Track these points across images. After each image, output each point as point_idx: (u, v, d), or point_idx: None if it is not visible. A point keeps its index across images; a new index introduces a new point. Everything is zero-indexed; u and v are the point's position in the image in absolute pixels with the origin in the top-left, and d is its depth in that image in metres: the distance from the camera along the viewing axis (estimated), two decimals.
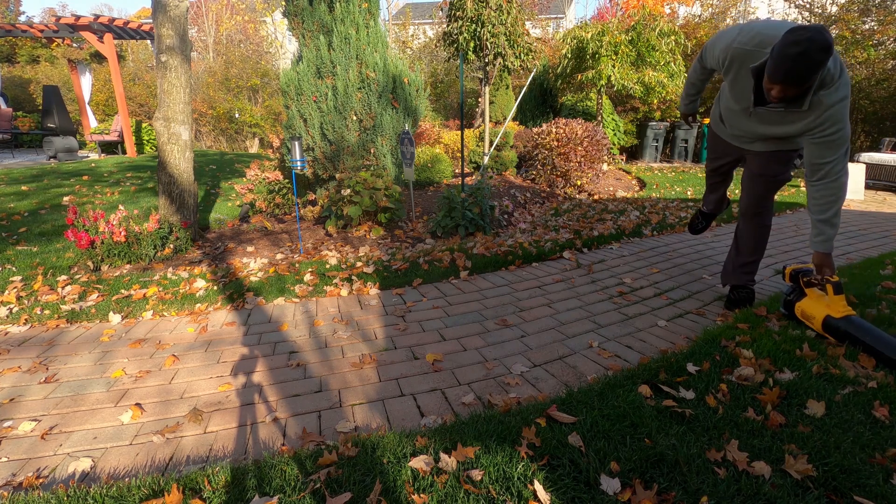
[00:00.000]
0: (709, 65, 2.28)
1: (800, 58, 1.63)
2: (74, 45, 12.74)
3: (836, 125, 1.80)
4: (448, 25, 6.84)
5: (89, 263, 3.27)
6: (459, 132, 6.98)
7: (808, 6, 10.40)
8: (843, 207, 1.95)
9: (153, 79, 13.55)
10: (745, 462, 1.31)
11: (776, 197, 6.25)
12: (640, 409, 1.54)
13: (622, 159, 9.75)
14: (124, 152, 9.90)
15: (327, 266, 3.25)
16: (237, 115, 13.15)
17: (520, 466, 1.31)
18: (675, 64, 7.70)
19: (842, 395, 1.60)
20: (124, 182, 6.10)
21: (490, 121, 9.69)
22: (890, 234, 4.20)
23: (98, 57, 12.61)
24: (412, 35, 15.69)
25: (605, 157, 6.76)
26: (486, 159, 6.42)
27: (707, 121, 9.73)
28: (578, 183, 6.25)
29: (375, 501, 1.22)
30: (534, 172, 6.54)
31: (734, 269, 2.50)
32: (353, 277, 3.03)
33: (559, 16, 24.18)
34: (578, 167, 6.18)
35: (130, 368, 2.04)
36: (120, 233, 3.26)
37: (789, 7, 10.78)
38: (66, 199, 5.12)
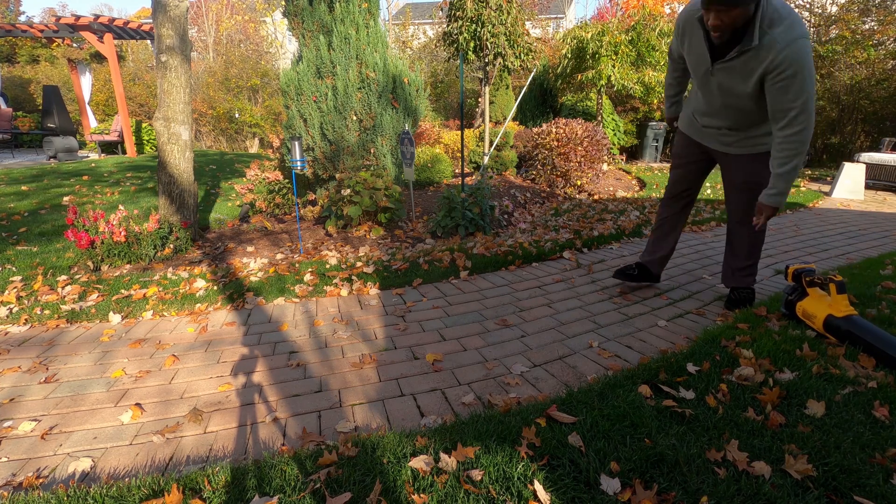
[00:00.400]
0: (675, 53, 2.28)
1: None
2: (74, 45, 12.75)
3: (793, 66, 1.77)
4: (448, 25, 6.84)
5: (89, 263, 3.27)
6: (459, 132, 6.98)
7: (808, 6, 10.40)
8: (843, 207, 1.96)
9: (153, 79, 13.56)
10: (745, 462, 1.31)
11: None
12: (640, 409, 1.54)
13: (622, 159, 9.75)
14: (124, 152, 9.90)
15: (327, 266, 3.25)
16: (237, 115, 13.15)
17: (520, 466, 1.31)
18: None
19: (842, 395, 1.60)
20: (124, 182, 6.10)
21: (490, 121, 9.69)
22: (890, 234, 4.20)
23: (98, 57, 12.62)
24: (412, 35, 15.70)
25: (605, 157, 6.76)
26: (486, 159, 6.43)
27: None
28: (578, 183, 6.25)
29: (375, 501, 1.22)
30: (534, 172, 6.54)
31: (733, 272, 2.47)
32: (353, 277, 3.03)
33: (559, 16, 24.19)
34: (578, 167, 6.18)
35: (130, 368, 2.04)
36: (120, 233, 3.26)
37: None
38: (66, 199, 5.12)
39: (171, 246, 3.54)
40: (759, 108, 2.00)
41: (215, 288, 2.88)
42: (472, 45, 6.55)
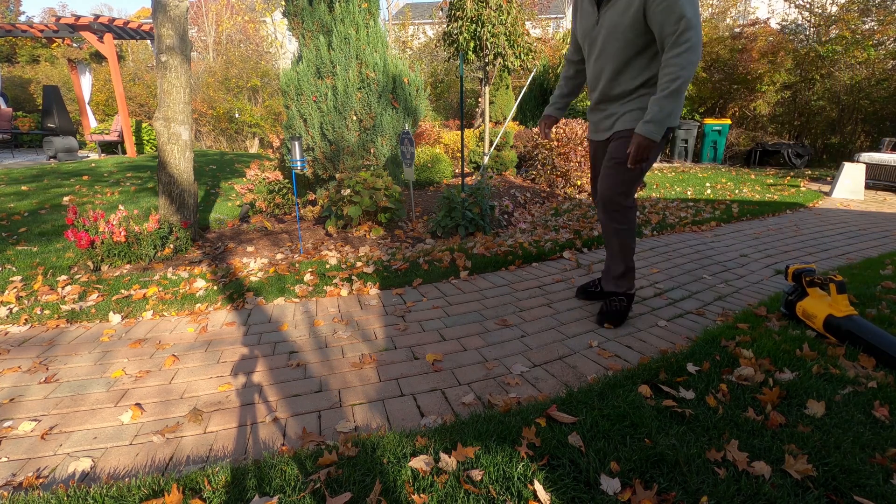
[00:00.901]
0: (572, 47, 2.31)
1: None
2: (74, 45, 12.75)
3: None
4: (448, 25, 6.85)
5: (89, 263, 3.27)
6: (459, 132, 6.98)
7: (808, 6, 10.40)
8: (843, 207, 1.95)
9: (153, 79, 13.57)
10: (745, 462, 1.31)
11: (775, 197, 6.25)
12: (640, 409, 1.54)
13: None
14: (124, 152, 9.91)
15: (327, 266, 3.25)
16: (237, 115, 13.16)
17: (520, 466, 1.31)
18: None
19: (842, 395, 1.60)
20: (124, 182, 6.10)
21: (490, 121, 9.69)
22: (890, 234, 4.20)
23: (98, 57, 12.63)
24: (412, 35, 15.70)
25: None
26: (486, 159, 6.43)
27: (707, 120, 9.75)
28: (578, 183, 6.25)
29: (375, 501, 1.22)
30: (534, 172, 6.54)
31: (612, 277, 2.36)
32: (353, 277, 3.03)
33: (559, 16, 24.19)
34: (578, 167, 6.18)
35: (130, 368, 2.04)
36: (120, 233, 3.26)
37: (789, 7, 10.78)
38: (66, 199, 5.12)
39: (171, 246, 3.54)
40: (642, 52, 1.97)
41: (215, 288, 2.88)
42: (472, 45, 6.55)
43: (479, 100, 9.65)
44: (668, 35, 1.84)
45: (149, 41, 12.72)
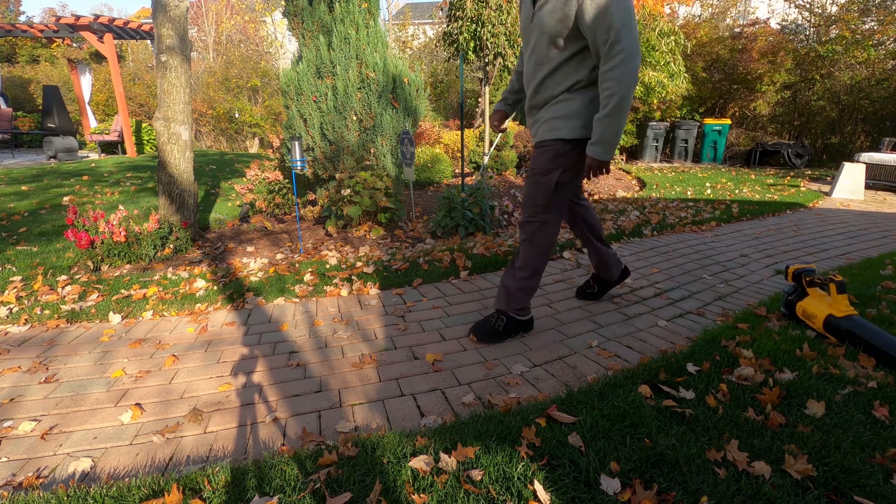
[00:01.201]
0: (523, 45, 2.22)
1: None
2: (74, 45, 12.76)
3: None
4: (448, 25, 6.85)
5: (89, 263, 3.27)
6: (459, 132, 6.98)
7: (808, 6, 10.41)
8: (843, 207, 1.94)
9: (153, 79, 13.57)
10: (745, 462, 1.31)
11: (775, 197, 6.25)
12: (640, 409, 1.54)
13: (622, 159, 9.76)
14: (124, 152, 9.91)
15: (327, 266, 3.25)
16: (237, 115, 13.16)
17: (520, 466, 1.31)
18: (675, 64, 7.71)
19: (842, 395, 1.60)
20: (124, 182, 6.10)
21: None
22: (890, 234, 4.20)
23: (98, 57, 12.64)
24: (412, 35, 15.71)
25: None
26: (486, 159, 6.42)
27: (707, 120, 9.75)
28: None
29: (375, 501, 1.22)
30: None
31: (506, 289, 2.15)
32: (353, 277, 3.03)
33: None
34: None
35: (130, 368, 2.04)
36: (120, 233, 3.26)
37: (789, 7, 10.79)
38: (66, 199, 5.12)
39: (171, 246, 3.54)
40: (569, 59, 1.87)
41: (215, 288, 2.88)
42: (472, 45, 6.55)
43: (479, 100, 9.65)
44: (601, 45, 1.74)
45: (149, 41, 12.72)
